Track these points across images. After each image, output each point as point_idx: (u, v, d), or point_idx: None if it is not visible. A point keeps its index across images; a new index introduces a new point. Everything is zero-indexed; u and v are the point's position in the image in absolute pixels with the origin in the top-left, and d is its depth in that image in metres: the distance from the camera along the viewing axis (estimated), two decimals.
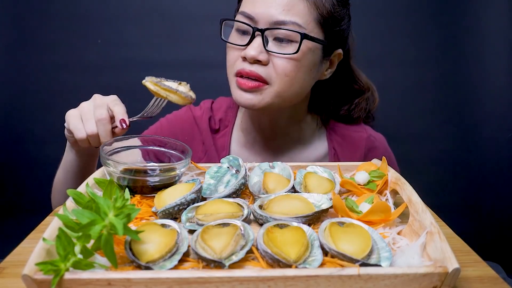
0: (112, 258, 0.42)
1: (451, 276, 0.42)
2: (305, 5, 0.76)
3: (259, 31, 0.76)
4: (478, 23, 1.44)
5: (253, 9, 0.76)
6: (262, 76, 0.77)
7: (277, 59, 0.76)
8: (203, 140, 0.95)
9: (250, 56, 0.75)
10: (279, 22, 0.75)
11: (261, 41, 0.76)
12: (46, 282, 0.40)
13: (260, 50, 0.76)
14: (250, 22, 0.77)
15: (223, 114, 0.97)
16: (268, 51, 0.76)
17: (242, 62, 0.78)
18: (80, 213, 0.44)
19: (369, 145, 0.96)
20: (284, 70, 0.77)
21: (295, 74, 0.78)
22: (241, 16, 0.78)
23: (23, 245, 0.57)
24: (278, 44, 0.77)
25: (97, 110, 0.69)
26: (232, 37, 0.81)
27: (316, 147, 0.96)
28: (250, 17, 0.76)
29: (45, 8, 1.40)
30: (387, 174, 0.66)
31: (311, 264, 0.45)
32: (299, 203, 0.57)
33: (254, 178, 0.68)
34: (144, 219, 0.58)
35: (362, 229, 0.51)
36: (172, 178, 0.64)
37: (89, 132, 0.69)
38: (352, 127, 0.98)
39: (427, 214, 0.51)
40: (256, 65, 0.77)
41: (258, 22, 0.76)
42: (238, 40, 0.79)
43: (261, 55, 0.76)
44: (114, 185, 0.61)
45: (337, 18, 0.80)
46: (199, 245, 0.47)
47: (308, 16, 0.76)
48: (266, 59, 0.76)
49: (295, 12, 0.75)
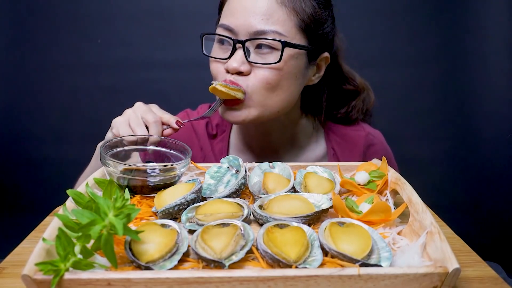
0: (112, 258, 0.42)
1: (451, 276, 0.42)
2: (284, 12, 0.74)
3: (240, 43, 0.75)
4: (478, 23, 1.44)
5: (233, 20, 0.75)
6: (242, 86, 0.76)
7: (258, 69, 0.76)
8: (201, 146, 0.95)
9: (232, 68, 0.75)
10: (259, 32, 0.74)
11: (243, 53, 0.75)
12: (46, 282, 0.40)
13: (242, 61, 0.75)
14: (231, 34, 0.76)
15: (220, 119, 0.97)
16: (250, 62, 0.75)
17: (225, 74, 0.77)
18: (80, 213, 0.44)
19: (368, 142, 0.96)
20: (266, 79, 0.76)
21: (278, 82, 0.77)
22: (221, 29, 0.77)
23: (23, 245, 0.57)
24: (259, 53, 0.76)
25: (147, 114, 0.73)
26: (214, 50, 0.80)
27: (314, 149, 0.96)
28: (230, 29, 0.76)
29: (45, 8, 1.41)
30: (387, 174, 0.66)
31: (311, 264, 0.45)
32: (299, 203, 0.57)
33: (254, 178, 0.68)
34: (144, 219, 0.58)
35: (362, 229, 0.51)
36: (172, 178, 0.64)
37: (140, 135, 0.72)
38: (350, 126, 0.97)
39: (427, 214, 0.51)
40: (236, 75, 0.76)
41: (238, 34, 0.75)
42: (220, 53, 0.78)
43: (242, 66, 0.75)
44: (114, 185, 0.61)
45: (320, 21, 0.79)
46: (199, 245, 0.47)
47: (289, 22, 0.75)
48: (248, 70, 0.76)
49: (274, 20, 0.74)
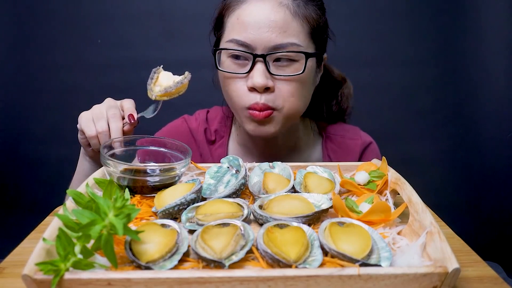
0: (112, 258, 0.42)
1: (451, 276, 0.42)
2: (298, 23, 0.75)
3: (261, 57, 0.73)
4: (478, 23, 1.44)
5: (247, 35, 0.73)
6: (271, 106, 0.76)
7: (281, 82, 0.75)
8: (200, 152, 0.95)
9: (260, 85, 0.73)
10: (277, 46, 0.73)
11: (264, 67, 0.74)
12: (46, 282, 0.40)
13: (266, 76, 0.74)
14: (247, 49, 0.74)
15: (218, 125, 0.96)
16: (272, 74, 0.75)
17: (251, 94, 0.76)
18: (80, 213, 0.44)
19: (363, 150, 0.97)
20: (291, 92, 0.76)
21: (300, 93, 0.78)
22: (234, 44, 0.75)
23: (23, 245, 0.57)
24: (279, 66, 0.75)
25: (109, 109, 0.73)
26: (227, 66, 0.78)
27: (310, 154, 0.96)
28: (246, 45, 0.74)
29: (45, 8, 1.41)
30: (387, 174, 0.66)
31: (311, 264, 0.45)
32: (299, 203, 0.57)
33: (254, 178, 0.68)
34: (144, 219, 0.58)
35: (362, 229, 0.51)
36: (172, 178, 0.64)
37: (100, 129, 0.71)
38: (348, 133, 0.98)
39: (427, 214, 0.51)
40: (265, 95, 0.75)
41: (256, 48, 0.74)
42: (236, 67, 0.77)
43: (269, 82, 0.74)
44: (114, 185, 0.61)
45: (323, 26, 0.80)
46: (199, 245, 0.47)
47: (302, 32, 0.75)
48: (273, 84, 0.75)
49: (291, 32, 0.74)
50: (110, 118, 0.72)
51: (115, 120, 0.72)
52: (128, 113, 0.73)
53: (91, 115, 0.73)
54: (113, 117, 0.72)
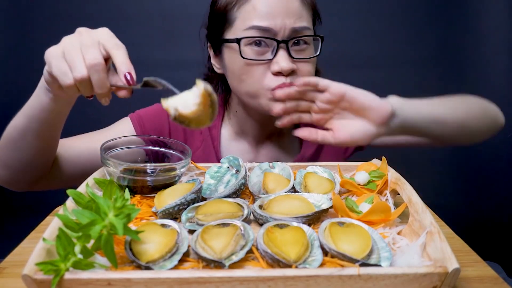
0: (112, 258, 0.42)
1: (451, 276, 0.42)
2: (307, 8, 0.80)
3: (283, 43, 0.76)
4: (477, 23, 1.44)
5: (268, 22, 0.76)
6: None
7: (301, 64, 0.79)
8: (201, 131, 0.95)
9: (287, 69, 0.76)
10: (295, 30, 0.77)
11: (287, 52, 0.77)
12: (46, 282, 0.40)
13: (290, 60, 0.77)
14: (269, 35, 0.77)
15: None
16: (294, 58, 0.78)
17: (275, 77, 0.77)
18: (80, 213, 0.44)
19: None
20: (309, 72, 0.81)
21: (314, 73, 0.83)
22: (255, 30, 0.77)
23: (23, 245, 0.57)
24: (298, 50, 0.79)
25: (87, 50, 0.54)
26: (248, 53, 0.78)
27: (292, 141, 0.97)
28: (267, 30, 0.76)
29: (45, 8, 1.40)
30: (387, 174, 0.66)
31: (311, 264, 0.45)
32: (299, 203, 0.57)
33: (254, 178, 0.68)
34: (144, 219, 0.58)
35: (362, 229, 0.51)
36: (172, 178, 0.64)
37: (79, 78, 0.54)
38: None
39: (427, 214, 0.51)
40: (290, 77, 0.78)
41: (277, 34, 0.76)
42: (257, 55, 0.78)
43: (294, 65, 0.77)
44: (114, 185, 0.61)
45: (316, 10, 0.85)
46: (199, 245, 0.47)
47: (310, 17, 0.81)
48: (296, 67, 0.78)
49: (304, 18, 0.79)
50: (90, 67, 0.53)
51: (97, 70, 0.54)
52: (124, 70, 0.54)
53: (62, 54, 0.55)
54: (94, 66, 0.54)
